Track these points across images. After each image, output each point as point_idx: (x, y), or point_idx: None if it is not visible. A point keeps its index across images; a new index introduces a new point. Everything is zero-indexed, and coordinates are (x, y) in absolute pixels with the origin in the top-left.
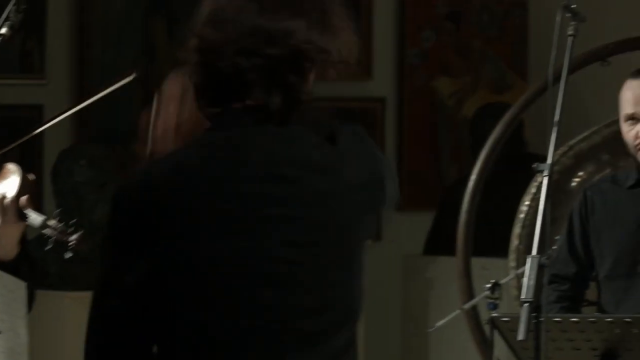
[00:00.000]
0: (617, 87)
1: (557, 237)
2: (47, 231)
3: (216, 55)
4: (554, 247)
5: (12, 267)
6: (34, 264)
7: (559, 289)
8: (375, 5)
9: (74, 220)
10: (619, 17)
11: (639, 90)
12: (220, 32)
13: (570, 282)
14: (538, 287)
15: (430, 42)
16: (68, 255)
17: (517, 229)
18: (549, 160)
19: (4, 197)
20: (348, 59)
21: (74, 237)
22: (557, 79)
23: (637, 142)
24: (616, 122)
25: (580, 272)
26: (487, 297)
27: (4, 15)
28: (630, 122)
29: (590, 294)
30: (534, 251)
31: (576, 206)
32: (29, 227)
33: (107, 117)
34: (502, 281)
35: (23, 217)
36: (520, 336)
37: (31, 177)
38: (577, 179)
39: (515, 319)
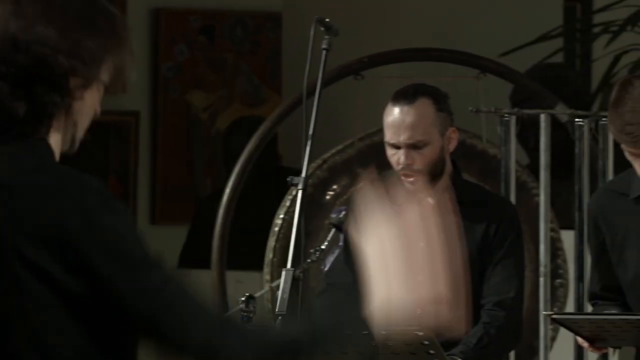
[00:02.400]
0: (370, 101)
1: (311, 250)
2: None
3: None
4: (309, 260)
5: None
6: None
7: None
8: (129, 19)
9: None
10: (372, 31)
11: (399, 118)
12: None
13: (344, 291)
14: (292, 300)
15: (184, 56)
16: None
17: (271, 242)
18: (304, 174)
19: None
20: (117, 74)
21: None
22: (311, 92)
23: (399, 167)
24: (370, 135)
25: (356, 282)
26: (241, 310)
27: None
28: (392, 147)
29: None
30: (289, 264)
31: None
32: None
33: None
34: (257, 294)
35: None
36: None
37: None
38: (331, 192)
39: None
